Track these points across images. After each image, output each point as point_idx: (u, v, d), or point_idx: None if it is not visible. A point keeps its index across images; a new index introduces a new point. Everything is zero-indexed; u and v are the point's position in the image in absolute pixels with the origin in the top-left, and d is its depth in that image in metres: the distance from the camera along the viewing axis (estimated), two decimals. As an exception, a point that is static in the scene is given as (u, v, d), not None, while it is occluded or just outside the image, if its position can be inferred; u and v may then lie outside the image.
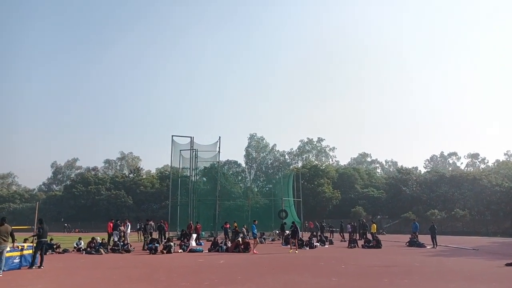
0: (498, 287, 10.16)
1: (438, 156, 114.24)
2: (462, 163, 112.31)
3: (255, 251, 20.95)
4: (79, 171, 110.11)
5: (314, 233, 30.99)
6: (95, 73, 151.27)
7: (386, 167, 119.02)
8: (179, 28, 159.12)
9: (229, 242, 23.75)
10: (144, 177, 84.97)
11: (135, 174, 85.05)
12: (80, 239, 23.20)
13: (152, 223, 29.73)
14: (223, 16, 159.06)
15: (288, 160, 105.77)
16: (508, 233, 39.92)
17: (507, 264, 14.47)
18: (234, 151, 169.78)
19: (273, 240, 31.89)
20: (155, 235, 28.32)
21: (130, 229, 27.92)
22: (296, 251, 21.44)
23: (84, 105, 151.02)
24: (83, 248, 21.82)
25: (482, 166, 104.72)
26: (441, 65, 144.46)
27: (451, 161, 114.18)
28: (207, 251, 21.86)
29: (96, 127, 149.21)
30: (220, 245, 22.30)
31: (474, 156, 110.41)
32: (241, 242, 22.00)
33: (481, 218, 50.63)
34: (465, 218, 50.32)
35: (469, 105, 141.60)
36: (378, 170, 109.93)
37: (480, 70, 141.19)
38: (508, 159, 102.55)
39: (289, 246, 22.78)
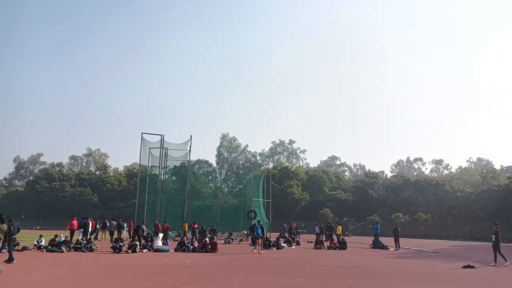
0: (454, 289, 10.57)
1: (404, 161, 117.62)
2: (426, 168, 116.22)
3: (260, 251, 21.09)
4: (43, 166, 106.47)
5: (281, 234, 31.21)
6: (62, 66, 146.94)
7: (354, 170, 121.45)
8: (152, 24, 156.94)
9: (196, 242, 23.57)
10: (111, 174, 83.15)
11: (101, 171, 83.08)
12: (41, 236, 22.42)
13: (114, 222, 29.37)
14: (199, 13, 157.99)
15: (260, 161, 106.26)
16: (467, 237, 41.43)
17: (465, 267, 15.06)
18: (205, 151, 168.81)
19: (241, 240, 31.90)
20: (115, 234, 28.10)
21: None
22: (254, 251, 21.44)
23: (50, 98, 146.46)
24: (43, 245, 21.10)
25: (446, 172, 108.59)
26: (413, 75, 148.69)
27: (416, 166, 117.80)
28: (174, 251, 21.62)
29: (63, 121, 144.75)
30: (187, 245, 22.09)
31: (438, 162, 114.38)
32: (208, 242, 21.89)
33: (443, 222, 52.39)
34: (427, 222, 51.95)
35: (435, 112, 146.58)
36: (346, 173, 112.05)
37: (447, 80, 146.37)
38: (470, 165, 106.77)
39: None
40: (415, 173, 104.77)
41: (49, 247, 20.37)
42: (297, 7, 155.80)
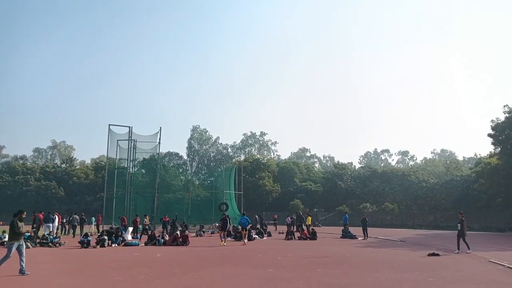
0: (420, 276, 10.93)
1: (372, 152, 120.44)
2: (393, 159, 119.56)
3: (244, 243, 21.54)
4: (5, 159, 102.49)
5: (253, 226, 31.31)
6: (25, 56, 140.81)
7: (323, 162, 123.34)
8: (121, 13, 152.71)
9: (167, 235, 23.35)
10: (77, 167, 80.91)
11: (67, 164, 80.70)
12: (4, 232, 21.57)
13: (77, 216, 28.72)
14: (173, 4, 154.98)
15: (231, 153, 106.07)
16: (432, 225, 42.93)
17: (429, 254, 15.63)
18: (176, 143, 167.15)
19: (212, 233, 31.82)
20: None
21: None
22: (225, 243, 21.23)
23: (13, 89, 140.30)
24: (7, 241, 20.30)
25: (411, 163, 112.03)
26: (380, 69, 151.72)
27: (383, 158, 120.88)
28: (144, 244, 21.33)
29: (26, 113, 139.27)
30: (158, 238, 21.85)
31: (404, 153, 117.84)
32: (179, 235, 21.73)
33: (408, 211, 54.06)
34: (394, 212, 53.51)
35: (401, 105, 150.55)
36: (316, 165, 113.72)
37: (412, 74, 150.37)
38: (434, 157, 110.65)
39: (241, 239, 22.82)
40: (382, 165, 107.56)
41: (13, 243, 19.63)
42: (276, 6, 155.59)
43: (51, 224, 24.56)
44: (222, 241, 21.53)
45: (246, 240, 22.36)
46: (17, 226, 11.28)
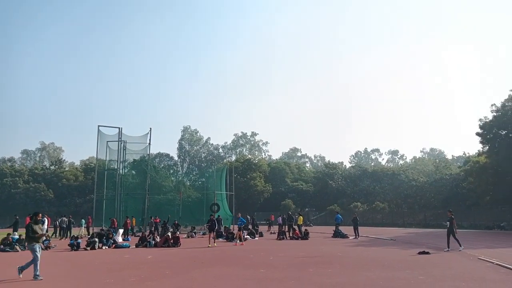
0: (410, 274, 11.00)
1: (362, 152, 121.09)
2: (383, 159, 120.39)
3: (240, 243, 21.80)
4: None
5: (245, 226, 31.27)
6: (15, 59, 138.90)
7: (314, 161, 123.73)
8: (109, 13, 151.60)
9: (158, 237, 23.22)
10: (66, 169, 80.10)
11: (56, 166, 79.87)
12: (-8, 236, 21.30)
13: (65, 219, 28.46)
14: (163, 5, 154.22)
15: (222, 154, 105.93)
16: (422, 224, 43.34)
17: (420, 253, 15.76)
18: (166, 144, 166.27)
19: (204, 234, 31.68)
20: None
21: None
22: (215, 244, 21.32)
23: (0, 91, 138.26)
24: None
25: (401, 162, 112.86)
26: (370, 69, 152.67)
27: (373, 157, 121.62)
28: (135, 246, 21.19)
29: (14, 114, 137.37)
30: (149, 240, 21.72)
31: (394, 152, 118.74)
32: (170, 236, 21.62)
33: (399, 210, 54.47)
34: (385, 210, 53.88)
35: (392, 105, 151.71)
36: (307, 165, 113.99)
37: (404, 73, 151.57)
38: (424, 156, 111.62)
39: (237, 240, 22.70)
40: (373, 164, 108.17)
41: (1, 246, 19.40)
42: (265, 7, 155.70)
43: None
44: (210, 242, 21.34)
45: (238, 241, 22.29)
46: (31, 230, 11.36)
